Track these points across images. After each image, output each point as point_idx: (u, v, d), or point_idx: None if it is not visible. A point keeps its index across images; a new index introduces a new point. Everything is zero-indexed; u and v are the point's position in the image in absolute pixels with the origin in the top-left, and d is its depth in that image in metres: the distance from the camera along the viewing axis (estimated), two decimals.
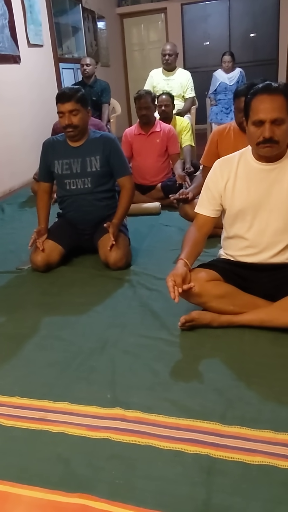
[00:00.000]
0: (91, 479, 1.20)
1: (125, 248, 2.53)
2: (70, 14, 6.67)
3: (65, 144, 2.59)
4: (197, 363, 1.66)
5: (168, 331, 1.87)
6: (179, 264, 1.79)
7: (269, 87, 1.63)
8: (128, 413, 1.43)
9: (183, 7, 8.31)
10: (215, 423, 1.35)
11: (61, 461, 1.27)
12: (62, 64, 6.14)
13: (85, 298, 2.25)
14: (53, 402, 1.51)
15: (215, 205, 1.87)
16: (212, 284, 1.79)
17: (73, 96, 2.42)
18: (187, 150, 4.23)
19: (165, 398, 1.48)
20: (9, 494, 1.19)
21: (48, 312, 2.14)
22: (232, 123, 2.76)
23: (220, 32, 8.33)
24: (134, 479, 1.20)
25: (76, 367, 1.69)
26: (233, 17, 8.21)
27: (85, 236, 2.67)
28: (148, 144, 3.76)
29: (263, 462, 1.21)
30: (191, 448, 1.27)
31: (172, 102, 4.17)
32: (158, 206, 3.59)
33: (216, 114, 5.92)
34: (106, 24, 7.96)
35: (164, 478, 1.19)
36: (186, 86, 4.95)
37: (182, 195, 2.82)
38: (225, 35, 8.32)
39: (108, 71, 7.81)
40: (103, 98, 5.37)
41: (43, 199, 2.69)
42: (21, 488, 1.20)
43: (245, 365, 1.62)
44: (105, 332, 1.92)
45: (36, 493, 1.18)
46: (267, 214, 1.77)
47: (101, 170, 2.56)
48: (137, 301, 2.16)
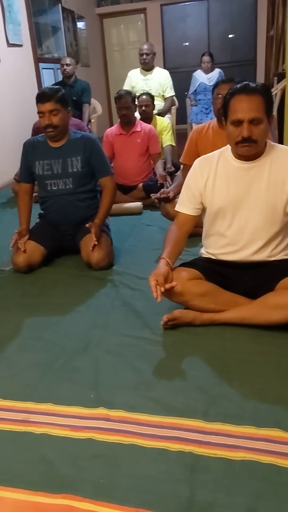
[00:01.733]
0: (75, 479, 1.20)
1: (108, 248, 2.53)
2: (49, 14, 6.63)
3: (45, 144, 2.57)
4: (180, 362, 1.67)
5: (151, 330, 1.87)
6: (161, 263, 1.80)
7: (247, 87, 1.65)
8: (111, 412, 1.43)
9: (162, 8, 8.34)
10: (198, 421, 1.36)
11: (45, 462, 1.27)
12: (42, 64, 6.11)
13: (68, 298, 2.24)
14: (36, 403, 1.50)
15: (195, 204, 1.89)
16: (193, 283, 1.81)
17: (53, 96, 2.40)
18: (168, 150, 4.25)
19: (148, 397, 1.49)
20: None
21: (30, 313, 2.12)
22: (211, 122, 2.78)
23: (199, 32, 8.39)
24: (118, 478, 1.20)
25: (59, 367, 1.69)
26: (212, 18, 8.28)
27: (67, 237, 2.66)
28: (129, 144, 3.76)
29: (246, 457, 1.22)
30: (174, 446, 1.28)
31: (152, 102, 4.18)
32: (140, 206, 3.60)
33: (196, 114, 5.95)
34: (85, 24, 7.94)
35: (148, 476, 1.20)
36: (165, 85, 4.97)
37: (163, 195, 2.83)
38: (204, 36, 8.39)
39: (88, 71, 7.79)
40: (83, 98, 5.36)
41: (24, 200, 2.67)
42: (3, 490, 1.19)
43: (227, 363, 1.64)
44: (88, 332, 1.91)
45: (19, 495, 1.17)
46: (247, 212, 1.80)
47: (82, 171, 2.55)
48: (120, 301, 2.16)
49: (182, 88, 6.50)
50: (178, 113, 5.49)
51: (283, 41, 5.84)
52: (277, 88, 4.81)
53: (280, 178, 1.75)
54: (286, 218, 1.81)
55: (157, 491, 1.15)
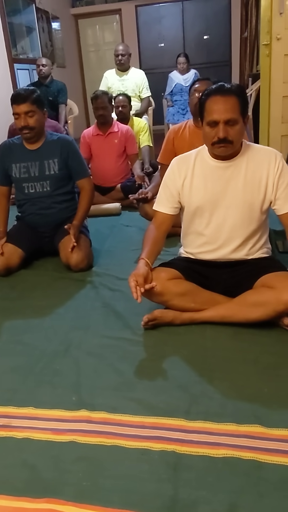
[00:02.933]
0: (58, 483, 1.20)
1: (87, 249, 2.52)
2: (23, 14, 6.56)
3: (22, 147, 2.55)
4: (161, 361, 1.68)
5: (132, 331, 1.88)
6: (140, 263, 1.80)
7: (222, 88, 1.66)
8: (93, 414, 1.42)
9: (137, 9, 8.35)
10: (179, 419, 1.37)
11: (27, 467, 1.25)
12: (17, 65, 6.04)
13: (47, 301, 2.22)
14: (17, 407, 1.49)
15: (173, 203, 1.90)
16: (173, 283, 1.81)
17: (29, 97, 2.38)
18: (145, 151, 4.26)
19: (130, 397, 1.49)
20: None
21: (9, 317, 2.10)
22: (188, 121, 2.81)
23: (174, 34, 8.44)
24: (101, 479, 1.20)
25: (40, 371, 1.67)
26: (187, 20, 8.33)
27: (45, 239, 2.64)
28: (106, 145, 3.76)
29: (227, 454, 1.23)
30: (156, 446, 1.28)
31: (129, 103, 4.18)
32: (118, 207, 3.60)
33: (173, 115, 5.98)
34: (60, 24, 7.89)
35: (131, 476, 1.20)
36: (142, 85, 4.98)
37: (142, 195, 2.84)
38: (179, 37, 8.44)
39: (64, 72, 7.74)
40: (59, 99, 5.32)
41: (1, 203, 2.64)
42: None
43: (207, 361, 1.65)
44: (68, 334, 1.91)
45: (2, 501, 1.16)
46: (224, 210, 1.81)
47: (59, 173, 2.54)
48: (100, 302, 2.16)
49: (159, 89, 6.52)
50: (155, 113, 5.50)
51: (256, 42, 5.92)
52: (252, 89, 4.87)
53: (256, 177, 1.77)
54: (263, 217, 1.84)
55: (141, 491, 1.15)
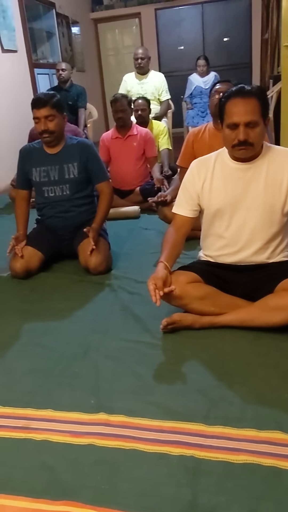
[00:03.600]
0: (76, 486, 1.20)
1: (105, 252, 2.53)
2: (44, 19, 6.65)
3: (42, 151, 2.57)
4: (179, 365, 1.67)
5: (150, 334, 1.87)
6: (159, 267, 1.80)
7: (243, 90, 1.65)
8: (112, 417, 1.42)
9: (156, 12, 8.37)
10: (199, 424, 1.36)
11: (46, 469, 1.26)
12: (37, 70, 6.12)
13: (66, 303, 2.23)
14: (36, 409, 1.49)
15: (192, 205, 1.89)
16: (192, 286, 1.80)
17: (49, 102, 2.41)
18: (164, 154, 4.26)
19: (148, 401, 1.48)
20: None
21: (29, 319, 2.12)
22: (207, 124, 2.79)
23: (194, 36, 8.42)
24: (119, 483, 1.19)
25: (59, 373, 1.68)
26: (206, 22, 8.31)
27: (64, 242, 2.66)
28: (125, 148, 3.77)
29: (247, 460, 1.22)
30: (175, 450, 1.27)
31: (148, 106, 4.19)
32: (137, 210, 3.60)
33: (192, 118, 5.97)
34: (80, 29, 7.96)
35: (149, 481, 1.19)
36: (161, 88, 4.98)
37: (161, 198, 2.84)
38: (199, 40, 8.42)
39: (83, 76, 7.80)
40: (79, 103, 5.36)
41: (22, 206, 2.67)
42: (5, 498, 1.18)
43: (227, 365, 1.63)
44: (87, 337, 1.91)
45: (21, 502, 1.17)
46: (245, 213, 1.80)
47: (79, 177, 2.55)
48: (119, 305, 2.16)
49: (178, 92, 6.52)
50: (174, 116, 5.50)
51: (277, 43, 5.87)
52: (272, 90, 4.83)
53: (277, 179, 1.75)
54: (285, 219, 1.82)
55: (159, 495, 1.15)
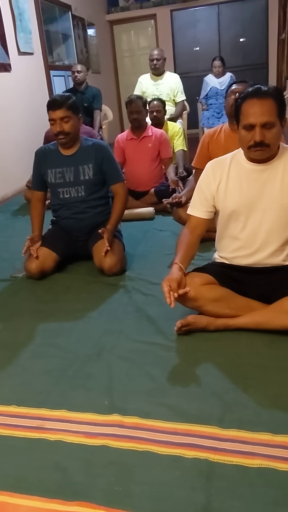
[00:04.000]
0: (89, 487, 1.20)
1: (120, 253, 2.53)
2: (60, 22, 6.70)
3: (57, 152, 2.59)
4: (194, 367, 1.66)
5: (164, 336, 1.86)
6: (173, 268, 1.79)
7: (259, 91, 1.64)
8: (125, 419, 1.42)
9: (172, 13, 8.36)
10: (213, 427, 1.35)
11: (59, 469, 1.26)
12: (53, 72, 6.16)
13: (80, 304, 2.24)
14: (50, 410, 1.50)
15: (207, 207, 1.88)
16: (207, 288, 1.79)
17: (64, 103, 2.42)
18: (179, 155, 4.25)
19: (162, 403, 1.48)
20: (6, 504, 1.18)
21: (43, 320, 2.13)
22: (223, 125, 2.78)
23: (210, 37, 8.40)
24: (133, 485, 1.19)
25: (73, 374, 1.69)
26: (222, 23, 8.28)
27: (79, 243, 2.67)
28: (140, 149, 3.77)
29: (262, 465, 1.20)
30: (189, 453, 1.27)
31: (163, 108, 4.18)
32: (152, 211, 3.60)
33: (208, 119, 5.95)
34: (96, 31, 8.00)
35: (162, 483, 1.19)
36: (176, 89, 4.98)
37: (176, 199, 2.83)
38: (214, 40, 8.39)
39: (99, 78, 7.84)
40: (94, 104, 5.39)
41: (37, 208, 2.69)
42: (19, 497, 1.19)
43: (242, 368, 1.62)
44: (101, 338, 1.91)
45: (34, 502, 1.17)
46: (261, 214, 1.78)
47: (94, 178, 2.56)
48: (133, 307, 2.16)
49: (193, 93, 6.50)
50: (190, 117, 5.49)
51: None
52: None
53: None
54: None
55: (173, 498, 1.14)
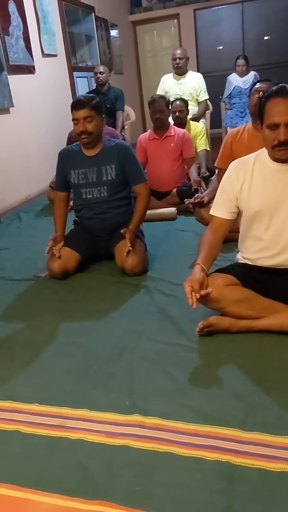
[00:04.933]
0: (110, 486, 1.20)
1: (142, 254, 2.53)
2: (83, 23, 6.75)
3: (80, 153, 2.60)
4: (215, 369, 1.65)
5: (186, 337, 1.85)
6: (196, 269, 1.78)
7: (283, 90, 1.61)
8: (147, 419, 1.42)
9: (195, 12, 8.32)
10: (235, 430, 1.34)
11: (80, 468, 1.27)
12: (76, 73, 6.21)
13: (102, 304, 2.25)
14: (72, 409, 1.51)
15: (230, 207, 1.86)
16: (230, 289, 1.78)
17: (88, 103, 2.44)
18: (202, 155, 4.22)
19: (184, 404, 1.47)
20: (28, 501, 1.19)
21: (66, 319, 2.14)
22: (246, 124, 2.75)
23: (233, 36, 8.32)
24: (153, 486, 1.19)
25: (94, 373, 1.69)
26: (246, 21, 8.19)
27: (101, 243, 2.68)
28: (162, 149, 3.76)
29: (285, 469, 1.19)
30: (211, 455, 1.26)
31: (186, 108, 4.17)
32: (174, 212, 3.59)
33: (231, 118, 5.91)
34: (119, 32, 8.03)
35: (183, 485, 1.18)
36: (199, 88, 4.95)
37: (198, 199, 2.81)
38: (238, 39, 8.31)
39: (121, 78, 7.86)
40: (116, 105, 5.40)
41: (60, 208, 2.71)
42: (40, 495, 1.20)
43: (264, 371, 1.60)
44: (123, 338, 1.92)
45: (56, 500, 1.18)
46: (285, 215, 1.75)
47: (116, 179, 2.57)
48: (154, 307, 2.15)
49: (217, 92, 6.46)
50: (213, 117, 5.46)
51: None
52: None
53: None
54: None
55: (193, 500, 1.14)
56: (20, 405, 1.56)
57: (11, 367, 1.80)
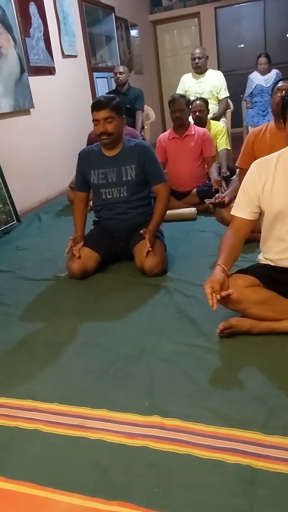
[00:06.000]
0: (129, 487, 1.20)
1: (161, 254, 2.52)
2: (103, 24, 6.77)
3: (100, 153, 2.61)
4: (236, 371, 1.63)
5: (206, 338, 1.84)
6: (216, 270, 1.76)
7: None
8: (166, 421, 1.41)
9: (216, 11, 8.26)
10: (256, 433, 1.32)
11: (99, 468, 1.27)
12: (96, 73, 6.23)
13: (122, 304, 2.25)
14: (91, 409, 1.51)
15: (252, 207, 1.83)
16: (251, 290, 1.75)
17: (108, 104, 2.43)
18: (223, 154, 4.19)
19: (204, 406, 1.46)
20: (47, 499, 1.20)
21: (85, 319, 2.15)
22: (268, 124, 2.71)
23: (255, 34, 8.24)
24: (173, 488, 1.18)
25: (114, 374, 1.69)
26: (269, 18, 8.10)
27: (121, 243, 2.68)
28: (182, 148, 3.74)
29: None
30: (231, 458, 1.24)
31: (206, 107, 4.14)
32: (194, 212, 3.56)
33: (253, 117, 5.85)
34: (139, 31, 8.03)
35: (203, 487, 1.17)
36: (219, 86, 4.92)
37: (218, 199, 2.79)
38: (260, 37, 8.22)
39: (141, 78, 7.86)
40: (136, 105, 5.40)
41: (80, 208, 2.72)
42: (59, 494, 1.21)
43: (286, 373, 1.57)
44: (142, 339, 1.91)
45: (75, 499, 1.18)
46: None
47: (136, 179, 2.56)
48: (174, 308, 2.14)
49: (238, 91, 6.40)
50: (234, 116, 5.41)
51: None
52: None
53: None
54: None
55: (213, 503, 1.12)
56: (40, 404, 1.57)
57: (31, 366, 1.81)
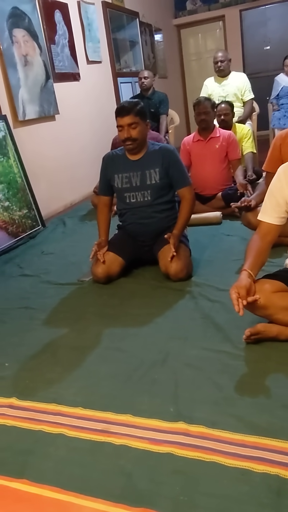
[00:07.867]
0: (154, 494, 1.18)
1: (186, 259, 2.51)
2: (127, 29, 6.81)
3: (124, 157, 2.61)
4: (263, 378, 1.60)
5: (232, 344, 1.81)
6: (242, 275, 1.73)
7: None
8: (191, 427, 1.39)
9: (241, 13, 8.20)
10: (284, 442, 1.29)
11: (124, 474, 1.26)
12: (120, 79, 6.27)
13: (146, 309, 2.24)
14: (116, 414, 1.50)
15: (279, 212, 1.80)
16: (278, 296, 1.72)
17: (132, 110, 2.43)
18: (248, 157, 4.14)
19: (230, 413, 1.43)
20: (71, 504, 1.19)
21: (109, 324, 2.15)
22: None
23: (281, 35, 8.13)
24: (198, 496, 1.16)
25: (138, 379, 1.68)
26: None
27: (145, 248, 2.67)
28: (207, 150, 3.71)
29: None
30: (259, 467, 1.22)
31: (231, 111, 4.11)
32: (219, 216, 3.53)
33: (279, 119, 5.76)
34: (163, 36, 8.04)
35: (229, 496, 1.15)
36: (244, 88, 4.88)
37: (244, 203, 2.75)
38: (286, 38, 8.10)
39: (166, 82, 7.86)
40: (161, 110, 5.40)
41: (104, 212, 2.72)
42: (83, 499, 1.20)
43: None
44: (167, 344, 1.90)
45: (99, 505, 1.18)
46: None
47: (160, 182, 2.56)
48: (199, 313, 2.12)
49: (263, 93, 6.33)
50: (260, 118, 5.35)
51: None
52: None
53: None
54: None
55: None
56: (64, 408, 1.57)
57: (55, 370, 1.82)
